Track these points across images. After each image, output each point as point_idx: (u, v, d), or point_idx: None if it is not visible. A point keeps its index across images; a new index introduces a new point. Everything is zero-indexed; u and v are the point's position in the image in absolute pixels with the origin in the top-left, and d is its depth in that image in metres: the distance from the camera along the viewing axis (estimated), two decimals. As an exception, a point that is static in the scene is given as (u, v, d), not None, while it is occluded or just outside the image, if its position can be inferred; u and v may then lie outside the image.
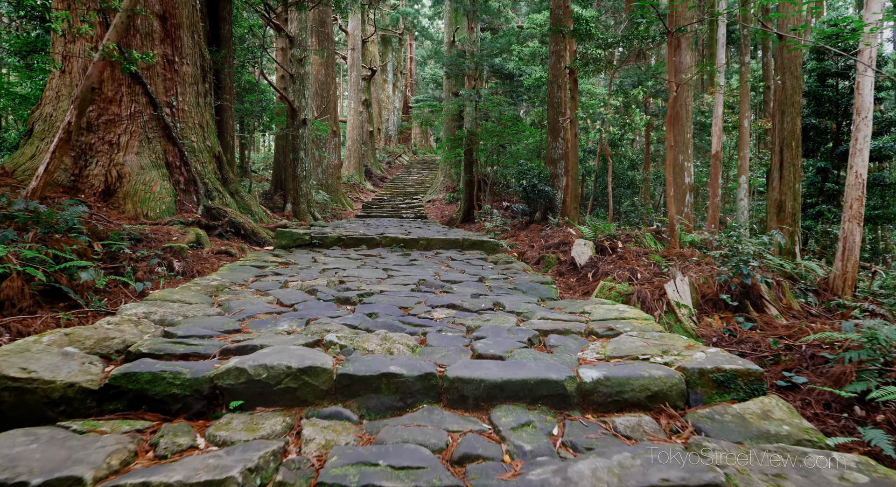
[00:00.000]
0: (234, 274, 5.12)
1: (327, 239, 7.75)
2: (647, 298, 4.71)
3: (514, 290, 4.87)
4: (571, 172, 10.98)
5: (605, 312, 3.63)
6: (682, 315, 4.44)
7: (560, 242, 8.40)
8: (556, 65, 12.98)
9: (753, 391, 2.34)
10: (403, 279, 5.13)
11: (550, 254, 7.20)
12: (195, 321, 3.22)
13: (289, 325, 3.23)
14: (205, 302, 3.82)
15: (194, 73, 8.70)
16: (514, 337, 3.07)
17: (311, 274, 5.28)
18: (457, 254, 7.45)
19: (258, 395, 2.30)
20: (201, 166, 8.54)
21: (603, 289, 4.95)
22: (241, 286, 4.61)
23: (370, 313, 3.61)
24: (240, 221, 8.20)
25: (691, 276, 4.87)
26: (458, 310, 3.83)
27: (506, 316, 3.60)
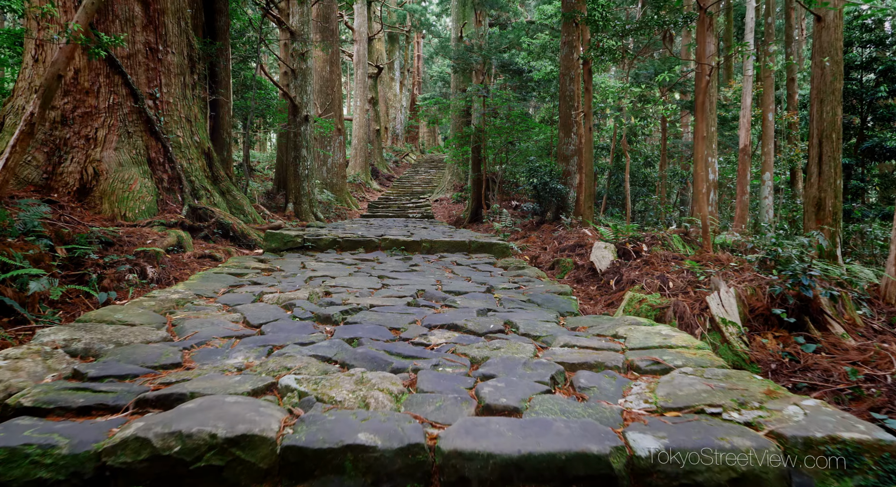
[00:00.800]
0: (205, 283, 4.41)
1: (321, 241, 7.03)
2: (686, 313, 3.94)
3: (527, 303, 4.11)
4: (586, 169, 10.20)
5: (645, 337, 2.87)
6: (729, 334, 3.67)
7: (575, 244, 7.64)
8: (569, 56, 12.19)
9: (890, 474, 1.58)
10: (400, 289, 4.40)
11: (566, 259, 6.44)
12: (126, 352, 2.51)
13: (244, 357, 2.51)
14: (153, 322, 3.10)
15: (181, 62, 8.00)
16: (533, 374, 2.32)
17: (295, 283, 4.56)
18: (463, 258, 6.71)
19: (167, 478, 1.58)
20: (187, 163, 7.84)
21: (632, 302, 4.18)
22: (208, 299, 3.89)
23: (351, 338, 2.88)
24: (228, 222, 7.51)
25: (737, 287, 4.10)
26: (461, 333, 3.08)
27: (520, 341, 2.85)
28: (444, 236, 8.46)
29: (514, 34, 17.52)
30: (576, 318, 3.74)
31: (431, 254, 6.95)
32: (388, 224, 13.34)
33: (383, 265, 5.92)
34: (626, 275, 5.37)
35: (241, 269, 5.17)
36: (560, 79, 12.35)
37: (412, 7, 30.37)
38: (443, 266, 6.12)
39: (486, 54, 14.70)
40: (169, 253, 6.35)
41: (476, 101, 16.18)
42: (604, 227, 8.79)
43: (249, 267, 5.28)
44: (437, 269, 5.81)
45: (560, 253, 7.42)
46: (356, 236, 7.44)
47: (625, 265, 5.66)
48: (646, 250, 5.97)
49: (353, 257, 6.39)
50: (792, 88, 13.00)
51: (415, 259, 6.52)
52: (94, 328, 2.81)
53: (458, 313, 3.53)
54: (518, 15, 22.49)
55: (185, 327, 3.07)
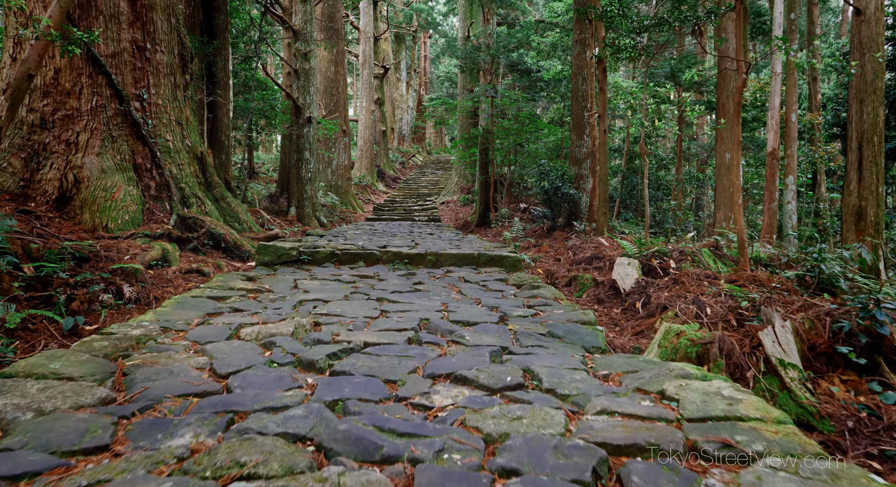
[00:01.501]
0: (178, 311, 3.83)
1: (319, 254, 6.45)
2: (734, 351, 3.32)
3: (547, 337, 3.51)
4: (600, 173, 9.58)
5: (702, 400, 2.26)
6: (789, 379, 3.05)
7: (592, 256, 7.02)
8: (581, 54, 11.55)
9: None
10: (400, 318, 3.81)
11: (584, 274, 5.82)
12: (43, 427, 1.93)
13: (193, 435, 1.92)
14: (97, 373, 2.53)
15: (171, 62, 7.45)
16: (567, 465, 1.73)
17: (282, 310, 3.98)
18: (471, 273, 6.11)
19: None
20: (177, 169, 7.29)
21: (668, 336, 3.57)
22: (177, 334, 3.32)
23: (336, 400, 2.29)
24: (220, 233, 6.94)
25: (793, 319, 3.48)
26: (471, 388, 2.49)
27: (545, 405, 2.25)
28: (451, 246, 7.87)
29: (522, 33, 16.89)
30: (606, 359, 3.14)
31: (437, 269, 6.35)
32: (392, 230, 12.77)
33: (384, 283, 5.33)
34: (653, 297, 4.75)
35: (224, 291, 4.59)
36: (572, 78, 11.73)
37: (419, 7, 29.77)
38: (449, 283, 5.53)
39: (494, 53, 14.08)
40: (152, 268, 5.79)
41: (484, 102, 15.57)
42: (622, 238, 8.16)
43: (234, 289, 4.70)
44: (443, 288, 5.22)
45: (576, 267, 6.80)
46: (356, 248, 6.86)
47: (651, 284, 5.04)
48: (674, 267, 5.35)
49: (352, 273, 5.80)
50: (814, 88, 12.30)
51: (419, 275, 5.93)
52: (15, 388, 2.24)
53: (468, 356, 2.93)
54: (526, 13, 21.84)
55: (135, 379, 2.50)
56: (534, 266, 7.03)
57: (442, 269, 6.33)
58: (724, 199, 8.67)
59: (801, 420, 2.82)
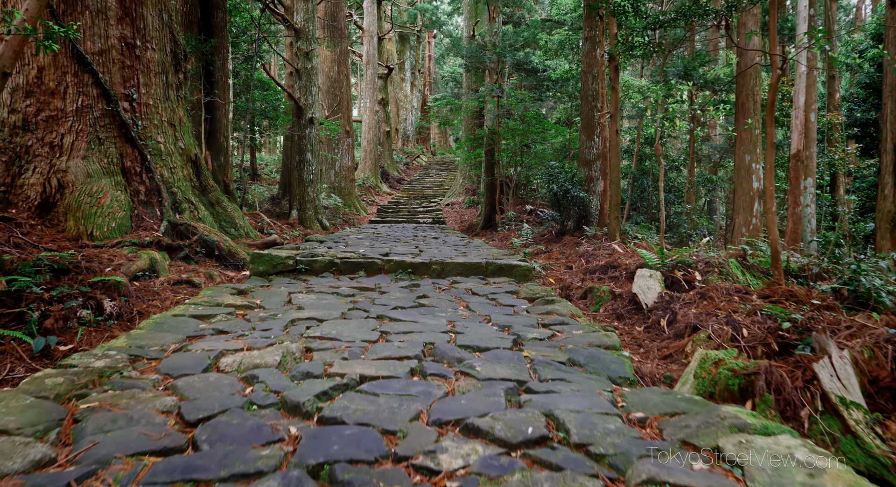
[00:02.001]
0: (154, 334, 3.42)
1: (316, 263, 6.03)
2: (784, 385, 2.88)
3: (567, 367, 3.08)
4: (612, 175, 9.13)
5: (774, 470, 1.82)
6: (853, 422, 2.61)
7: (607, 265, 6.58)
8: (591, 52, 11.11)
9: None
10: (402, 342, 3.38)
11: (601, 286, 5.38)
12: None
13: (136, 522, 1.51)
14: (40, 422, 2.12)
15: (162, 60, 7.04)
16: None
17: (271, 332, 3.56)
18: (479, 284, 5.68)
19: None
20: (169, 172, 6.88)
21: (704, 365, 3.13)
22: (148, 364, 2.91)
23: (318, 465, 1.87)
24: (213, 240, 6.54)
25: (850, 347, 3.04)
26: (484, 442, 2.06)
27: (578, 475, 1.82)
28: (457, 253, 7.44)
29: (529, 31, 16.43)
30: (638, 396, 2.70)
31: (443, 279, 5.92)
32: (395, 233, 12.35)
33: (386, 297, 4.90)
34: (680, 314, 4.31)
35: (210, 307, 4.18)
36: (581, 77, 11.28)
37: (423, 6, 29.35)
38: (456, 296, 5.10)
39: (500, 52, 13.64)
40: (138, 279, 5.39)
41: (490, 102, 15.14)
42: (637, 245, 7.71)
43: (221, 305, 4.28)
44: (449, 302, 4.79)
45: (590, 277, 6.36)
46: (357, 256, 6.43)
47: (676, 299, 4.59)
48: (699, 280, 4.90)
49: (352, 285, 5.38)
50: (832, 86, 11.81)
51: (423, 286, 5.50)
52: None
53: (480, 396, 2.50)
54: (532, 12, 21.38)
55: (86, 430, 2.08)
56: (545, 275, 6.60)
57: (448, 280, 5.90)
58: (743, 204, 8.22)
59: (872, 474, 2.38)
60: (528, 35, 14.52)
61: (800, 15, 8.11)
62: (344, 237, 10.23)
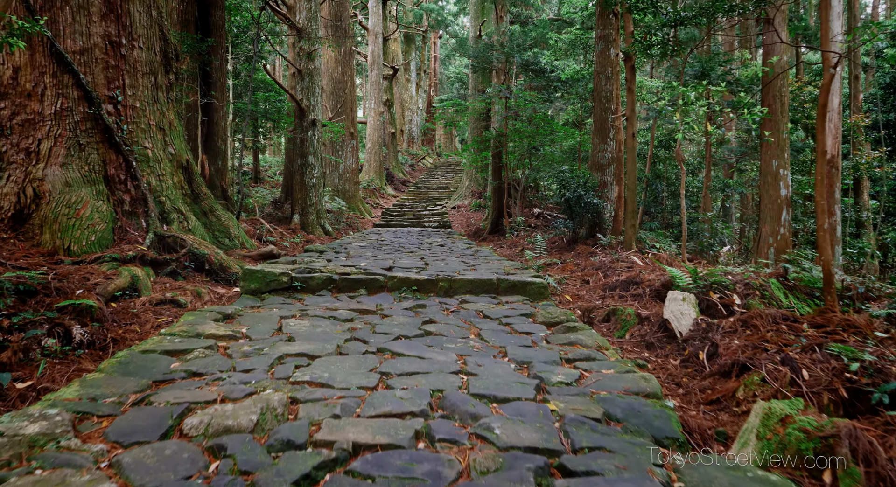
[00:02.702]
0: (114, 380, 2.88)
1: (314, 280, 5.49)
2: (876, 456, 2.31)
3: (604, 425, 2.53)
4: (628, 181, 8.56)
5: None
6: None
7: (628, 280, 6.01)
8: (604, 52, 10.54)
9: None
10: (405, 389, 2.84)
11: (626, 309, 4.82)
12: None
13: None
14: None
15: (150, 59, 6.52)
16: None
17: (252, 375, 3.02)
18: (490, 305, 5.13)
19: None
20: (157, 180, 6.36)
21: (769, 422, 2.57)
22: (98, 424, 2.38)
23: None
24: (203, 253, 6.01)
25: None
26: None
27: None
28: (465, 265, 6.89)
29: (538, 31, 15.86)
30: (696, 471, 2.15)
31: (450, 298, 5.37)
32: (400, 239, 11.81)
33: (388, 322, 4.36)
34: (721, 346, 3.75)
35: (188, 339, 3.64)
36: (594, 77, 10.71)
37: (429, 6, 28.80)
38: (466, 320, 4.56)
39: (509, 52, 13.08)
40: (117, 299, 4.87)
41: (497, 103, 14.58)
42: (662, 258, 7.14)
43: (202, 335, 3.74)
44: (458, 328, 4.25)
45: (610, 294, 5.80)
46: (357, 271, 5.89)
47: (714, 327, 4.03)
48: (739, 304, 4.34)
49: (351, 306, 4.84)
50: (856, 87, 11.19)
51: (429, 307, 4.96)
52: None
53: (502, 482, 1.95)
54: (540, 11, 20.80)
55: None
56: (561, 291, 6.04)
57: (456, 299, 5.35)
58: (770, 212, 7.63)
59: None
60: (536, 34, 13.95)
61: (833, 11, 7.52)
62: (346, 245, 9.70)
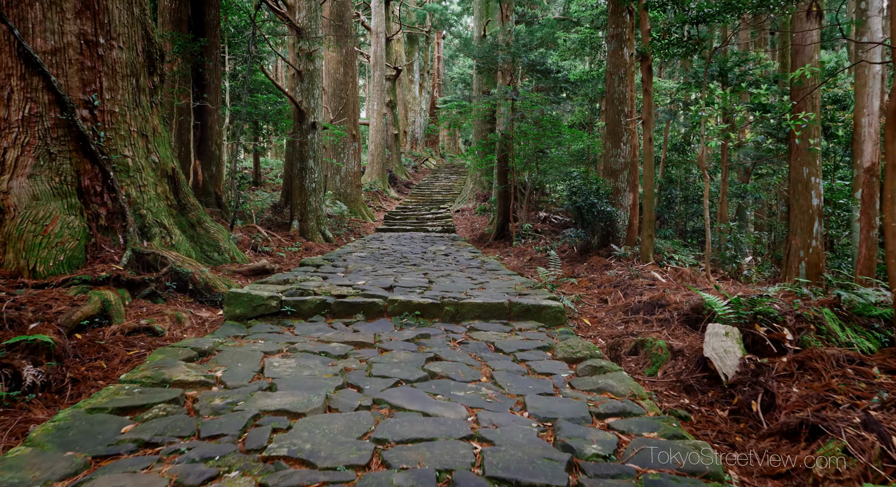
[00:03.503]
0: (41, 458, 2.29)
1: (306, 304, 4.90)
2: None
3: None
4: (645, 188, 7.96)
5: None
6: None
7: (652, 302, 5.41)
8: (617, 52, 9.92)
9: None
10: (405, 465, 2.26)
11: (655, 339, 4.21)
12: None
13: None
14: None
15: (132, 60, 5.94)
16: None
17: (217, 447, 2.43)
18: (502, 334, 4.54)
19: None
20: (138, 191, 5.79)
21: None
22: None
23: None
24: (187, 271, 5.43)
25: None
26: None
27: None
28: (473, 282, 6.30)
29: (545, 30, 15.24)
30: None
31: (457, 325, 4.78)
32: (403, 248, 11.23)
33: (386, 359, 3.77)
34: (779, 395, 3.15)
35: (150, 389, 3.06)
36: (606, 78, 10.10)
37: (432, 6, 28.18)
38: (476, 355, 3.96)
39: (515, 52, 12.46)
40: (83, 329, 4.29)
41: (503, 105, 13.97)
42: (685, 275, 6.53)
43: (169, 382, 3.16)
44: (467, 367, 3.65)
45: (633, 318, 5.20)
46: (355, 292, 5.30)
47: (766, 369, 3.43)
48: (790, 339, 3.73)
49: (346, 338, 4.24)
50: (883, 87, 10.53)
51: (434, 337, 4.37)
52: None
53: None
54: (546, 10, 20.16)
55: None
56: (578, 314, 5.44)
57: (463, 325, 4.76)
58: (800, 223, 7.01)
59: None
60: (543, 34, 13.33)
61: (872, 6, 6.90)
62: (345, 256, 9.11)
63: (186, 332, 4.68)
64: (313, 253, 10.70)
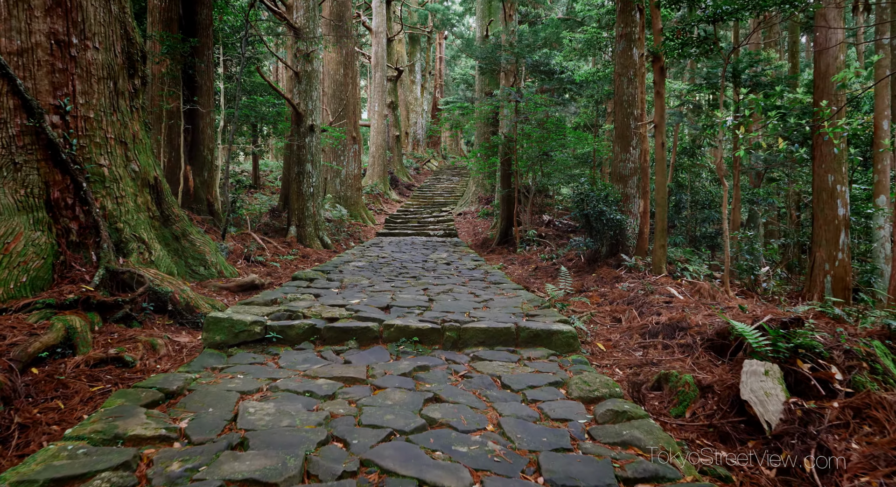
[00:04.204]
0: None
1: (293, 329, 4.42)
2: None
3: None
4: (658, 196, 7.49)
5: None
6: None
7: (672, 324, 4.93)
8: (626, 52, 9.42)
9: None
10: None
11: (680, 374, 3.72)
12: None
13: None
14: None
15: (109, 62, 5.47)
16: None
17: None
18: (509, 363, 4.06)
19: None
20: (114, 203, 5.31)
21: None
22: None
23: None
24: (167, 290, 4.96)
25: None
26: None
27: None
28: (476, 300, 5.82)
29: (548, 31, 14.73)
30: None
31: (459, 353, 4.30)
32: (403, 256, 10.75)
33: (379, 401, 3.29)
34: (837, 452, 2.66)
35: (98, 448, 2.58)
36: (615, 80, 9.60)
37: (434, 6, 27.67)
38: (480, 393, 3.49)
39: (519, 52, 11.96)
40: (43, 362, 3.82)
41: (506, 107, 13.48)
42: (703, 290, 6.04)
43: (123, 438, 2.68)
44: (470, 412, 3.17)
45: (652, 343, 4.71)
46: (348, 314, 4.83)
47: (815, 418, 2.95)
48: (840, 379, 3.24)
49: (334, 372, 3.76)
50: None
51: (433, 369, 3.89)
52: None
53: None
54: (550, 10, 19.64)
55: None
56: (591, 338, 4.96)
57: (466, 354, 4.27)
58: (826, 235, 6.52)
59: None
60: (548, 34, 12.82)
61: None
62: (342, 266, 8.63)
63: (161, 361, 4.21)
64: (310, 262, 10.23)
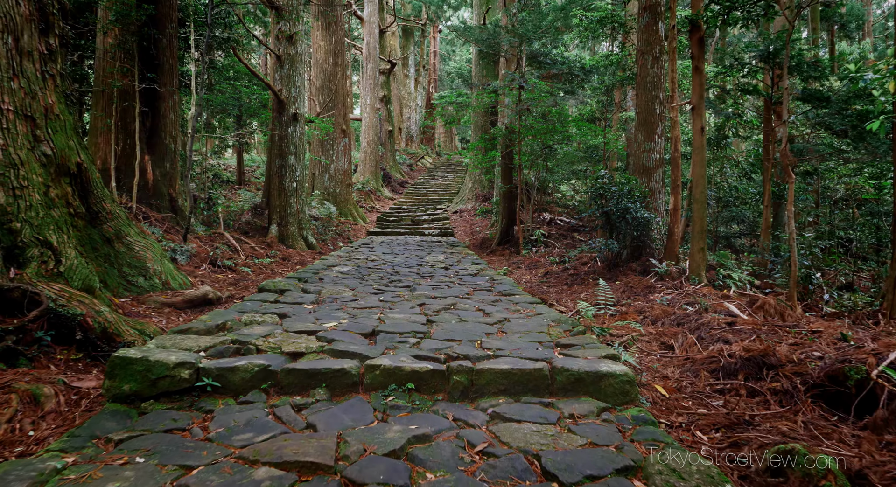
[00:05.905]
0: None
1: (238, 372, 3.06)
2: None
3: None
4: (696, 192, 6.21)
5: None
6: None
7: (754, 360, 3.63)
8: (651, 26, 8.10)
9: None
10: None
11: (815, 453, 2.42)
12: None
13: None
14: None
15: (6, 11, 4.08)
16: None
17: None
18: (545, 428, 2.73)
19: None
20: (11, 196, 3.93)
21: None
22: None
23: None
24: (75, 312, 3.59)
25: None
26: None
27: None
28: (486, 321, 4.49)
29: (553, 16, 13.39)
30: None
31: (472, 408, 2.97)
32: (396, 259, 9.40)
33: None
34: None
35: None
36: (637, 60, 8.29)
37: (428, -2, 26.25)
38: (511, 484, 2.16)
39: (522, 33, 10.63)
40: None
41: (508, 96, 12.14)
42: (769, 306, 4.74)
43: None
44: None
45: (729, 385, 3.41)
46: (318, 347, 3.48)
47: None
48: None
49: (286, 453, 2.41)
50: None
51: (436, 440, 2.55)
52: None
53: None
54: (551, -4, 18.29)
55: None
56: (647, 379, 3.64)
57: (483, 410, 2.94)
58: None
59: None
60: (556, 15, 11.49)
61: None
62: (323, 272, 7.25)
63: (42, 423, 2.85)
64: (290, 265, 8.86)
